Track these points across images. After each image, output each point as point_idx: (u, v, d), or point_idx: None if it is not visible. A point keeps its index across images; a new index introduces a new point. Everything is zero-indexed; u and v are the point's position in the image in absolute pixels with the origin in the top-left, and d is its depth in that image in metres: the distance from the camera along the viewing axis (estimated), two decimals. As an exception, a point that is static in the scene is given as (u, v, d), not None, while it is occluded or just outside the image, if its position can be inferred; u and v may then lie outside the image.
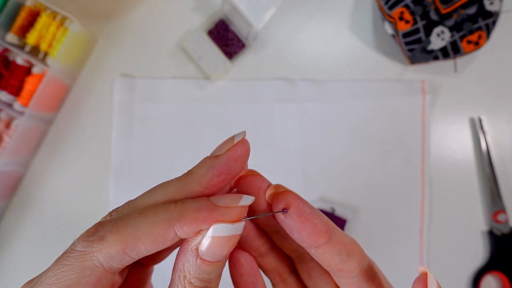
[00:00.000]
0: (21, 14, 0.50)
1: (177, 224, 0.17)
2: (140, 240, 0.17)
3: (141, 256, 0.18)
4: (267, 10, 0.50)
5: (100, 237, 0.17)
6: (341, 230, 0.20)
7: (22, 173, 0.55)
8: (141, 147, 0.55)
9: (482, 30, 0.51)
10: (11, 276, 0.55)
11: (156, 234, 0.17)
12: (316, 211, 0.20)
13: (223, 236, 0.18)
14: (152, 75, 0.56)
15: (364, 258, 0.20)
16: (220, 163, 0.19)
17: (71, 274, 0.17)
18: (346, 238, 0.20)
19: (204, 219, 0.17)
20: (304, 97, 0.56)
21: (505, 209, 0.54)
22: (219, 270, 0.19)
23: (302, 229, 0.19)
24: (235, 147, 0.19)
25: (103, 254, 0.17)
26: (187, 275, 0.18)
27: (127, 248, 0.17)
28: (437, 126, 0.56)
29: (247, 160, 0.20)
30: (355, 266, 0.20)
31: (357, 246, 0.20)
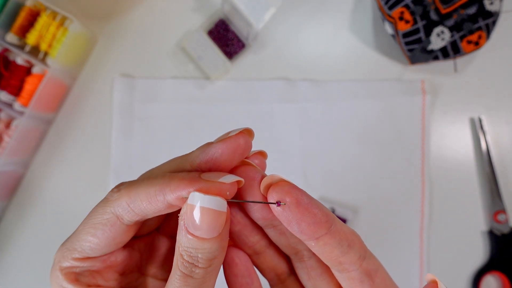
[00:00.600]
0: (21, 14, 0.50)
1: (165, 188, 0.19)
2: (139, 197, 0.19)
3: (141, 213, 0.20)
4: (267, 10, 0.50)
5: (117, 190, 0.20)
6: (340, 220, 0.20)
7: (22, 173, 0.55)
8: (141, 147, 0.55)
9: (482, 30, 0.51)
10: (11, 276, 0.55)
11: (150, 194, 0.19)
12: (314, 201, 0.19)
13: (202, 207, 0.18)
14: (152, 75, 0.56)
15: (364, 249, 0.20)
16: (208, 152, 0.20)
17: (98, 214, 0.20)
18: (346, 228, 0.20)
19: (184, 186, 0.19)
20: (304, 97, 0.56)
21: (505, 209, 0.54)
22: (206, 251, 0.19)
23: (302, 220, 0.19)
24: (218, 143, 0.20)
25: (115, 204, 0.20)
26: (179, 245, 0.19)
27: (131, 202, 0.20)
28: (437, 126, 0.56)
29: (236, 155, 0.20)
30: (357, 257, 0.19)
31: (357, 236, 0.20)
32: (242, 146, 0.20)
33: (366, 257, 0.20)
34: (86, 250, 0.21)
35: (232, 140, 0.20)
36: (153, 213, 0.20)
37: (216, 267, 0.20)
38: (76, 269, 0.21)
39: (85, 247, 0.20)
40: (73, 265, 0.21)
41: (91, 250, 0.21)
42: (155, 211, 0.20)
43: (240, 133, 0.20)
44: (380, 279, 0.20)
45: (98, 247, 0.21)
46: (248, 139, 0.21)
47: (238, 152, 0.20)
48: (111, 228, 0.20)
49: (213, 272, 0.20)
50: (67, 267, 0.21)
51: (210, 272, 0.19)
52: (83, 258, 0.21)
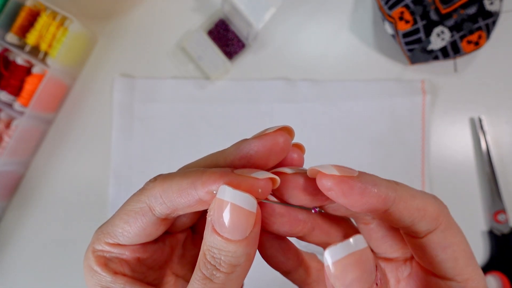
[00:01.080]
0: (21, 14, 0.50)
1: (197, 181, 0.18)
2: (171, 189, 0.19)
3: (172, 206, 0.19)
4: (267, 10, 0.50)
5: (153, 181, 0.20)
6: (408, 188, 0.18)
7: (22, 173, 0.55)
8: (141, 147, 0.55)
9: (482, 30, 0.51)
10: (11, 275, 0.55)
11: (182, 186, 0.19)
12: (368, 181, 0.17)
13: (231, 203, 0.17)
14: (152, 75, 0.56)
15: (438, 221, 0.18)
16: (242, 148, 0.19)
17: (133, 202, 0.20)
18: (413, 199, 0.18)
19: (214, 179, 0.18)
20: (304, 97, 0.56)
21: (505, 209, 0.54)
22: (230, 254, 0.18)
23: (360, 205, 0.17)
24: (253, 140, 0.19)
25: (149, 193, 0.20)
26: (204, 243, 0.18)
27: (163, 193, 0.19)
28: (437, 126, 0.56)
29: (273, 154, 0.19)
30: (423, 230, 0.18)
31: (431, 205, 0.18)
32: (280, 145, 0.19)
33: (436, 230, 0.18)
34: (118, 236, 0.21)
35: (269, 137, 0.19)
36: (184, 208, 0.19)
37: (239, 276, 0.18)
38: (107, 254, 0.21)
39: (117, 233, 0.20)
40: (104, 249, 0.21)
41: (122, 236, 0.21)
42: (186, 205, 0.19)
43: (278, 130, 0.19)
44: (449, 255, 0.18)
45: (129, 235, 0.20)
46: (288, 138, 0.19)
47: (275, 151, 0.19)
48: (142, 218, 0.20)
49: (235, 281, 0.18)
50: (99, 250, 0.21)
51: (232, 280, 0.18)
52: (114, 244, 0.21)
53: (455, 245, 0.18)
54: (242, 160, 0.19)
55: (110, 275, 0.20)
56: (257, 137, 0.19)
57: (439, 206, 0.18)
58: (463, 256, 0.18)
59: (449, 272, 0.19)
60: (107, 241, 0.21)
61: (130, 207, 0.20)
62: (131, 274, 0.22)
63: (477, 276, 0.19)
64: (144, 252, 0.22)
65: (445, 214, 0.19)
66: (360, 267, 0.16)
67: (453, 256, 0.18)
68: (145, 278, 0.23)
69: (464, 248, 0.19)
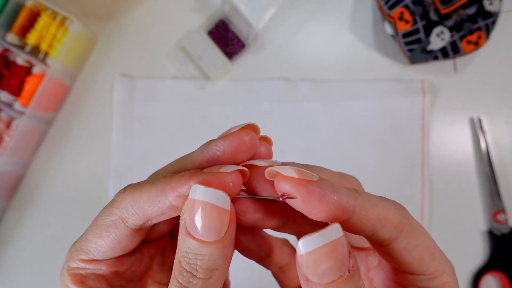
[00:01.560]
0: (21, 15, 0.50)
1: (166, 187, 0.18)
2: (141, 198, 0.19)
3: (144, 216, 0.19)
4: (267, 10, 0.50)
5: (123, 191, 0.20)
6: (369, 196, 0.18)
7: (23, 173, 0.55)
8: (141, 147, 0.55)
9: (482, 30, 0.51)
10: (11, 275, 0.55)
11: (152, 194, 0.18)
12: (327, 187, 0.17)
13: (203, 201, 0.17)
14: (152, 75, 0.56)
15: (399, 229, 0.18)
16: (209, 150, 0.19)
17: (104, 216, 0.20)
18: (374, 208, 0.17)
19: (184, 181, 0.18)
20: (304, 97, 0.56)
21: (504, 209, 0.54)
22: (206, 257, 0.17)
23: (318, 212, 0.17)
24: (219, 140, 0.19)
25: (120, 205, 0.19)
26: (178, 250, 0.18)
27: (134, 203, 0.19)
28: (437, 126, 0.56)
29: (240, 153, 0.19)
30: (386, 238, 0.18)
31: (391, 213, 0.18)
32: (246, 144, 0.18)
33: (399, 237, 0.18)
34: (92, 251, 0.20)
35: (234, 137, 0.18)
36: (157, 216, 0.19)
37: (217, 281, 0.18)
38: (82, 271, 0.21)
39: (91, 249, 0.20)
40: (79, 266, 0.20)
41: (96, 252, 0.20)
42: (158, 213, 0.19)
43: (242, 129, 0.19)
44: (415, 257, 0.18)
45: (103, 250, 0.20)
46: (253, 136, 0.19)
47: (242, 150, 0.18)
48: (115, 231, 0.19)
49: (213, 286, 0.18)
50: (74, 268, 0.20)
51: (210, 286, 0.17)
52: (89, 260, 0.20)
53: (419, 246, 0.18)
54: (210, 162, 0.19)
55: None
56: (223, 137, 0.19)
57: (400, 212, 0.18)
58: (428, 254, 0.19)
59: (416, 270, 0.19)
60: (81, 257, 0.20)
61: (102, 221, 0.20)
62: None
63: (442, 266, 0.19)
64: (121, 265, 0.22)
65: (406, 218, 0.18)
66: (334, 256, 0.16)
67: (418, 257, 0.18)
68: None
69: (428, 245, 0.19)
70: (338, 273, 0.16)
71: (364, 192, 0.18)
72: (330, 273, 0.16)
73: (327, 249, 0.16)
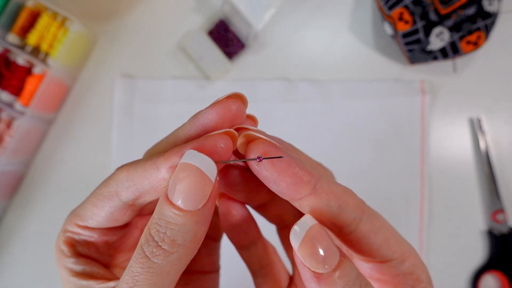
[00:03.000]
0: (22, 15, 0.50)
1: (159, 159, 0.18)
2: (136, 172, 0.19)
3: (137, 190, 0.19)
4: (267, 10, 0.50)
5: (121, 167, 0.20)
6: (331, 179, 0.19)
7: (23, 172, 0.55)
8: (141, 147, 0.55)
9: (481, 30, 0.51)
10: (12, 275, 0.55)
11: (145, 167, 0.19)
12: (295, 158, 0.18)
13: (189, 163, 0.17)
14: (152, 75, 0.56)
15: (362, 210, 0.18)
16: (199, 119, 0.19)
17: (103, 186, 0.20)
18: (336, 187, 0.18)
19: (176, 151, 0.18)
20: (304, 97, 0.56)
21: (504, 209, 0.54)
22: (177, 227, 0.17)
23: (280, 180, 0.17)
24: (207, 109, 0.19)
25: (116, 177, 0.20)
26: (151, 218, 0.17)
27: (128, 176, 0.19)
28: (436, 126, 0.57)
29: (227, 121, 0.19)
30: (351, 220, 0.18)
31: (351, 196, 0.18)
32: (233, 111, 0.19)
33: (363, 219, 0.18)
34: (87, 218, 0.21)
35: (221, 104, 0.19)
36: (149, 190, 0.19)
37: (179, 260, 0.17)
38: (76, 236, 0.22)
39: (87, 216, 0.21)
40: (74, 230, 0.21)
41: (91, 219, 0.21)
42: (150, 187, 0.19)
43: (229, 97, 0.19)
44: (381, 239, 0.19)
45: (97, 218, 0.21)
46: (240, 104, 0.19)
47: (229, 118, 0.19)
48: (109, 202, 0.20)
49: (174, 264, 0.17)
50: (69, 231, 0.22)
51: (170, 262, 0.17)
52: (83, 226, 0.21)
53: (382, 228, 0.19)
54: (199, 130, 0.19)
55: (73, 257, 0.21)
56: (210, 106, 0.19)
57: (358, 197, 0.19)
58: (392, 236, 0.19)
59: (387, 254, 0.19)
60: (77, 223, 0.21)
61: (100, 191, 0.20)
62: (97, 256, 0.22)
63: (408, 248, 0.20)
64: (113, 236, 0.22)
65: (364, 202, 0.19)
66: (324, 242, 0.16)
67: (384, 238, 0.19)
68: (112, 259, 0.23)
69: (390, 229, 0.19)
70: (336, 258, 0.16)
71: (326, 177, 0.19)
72: (330, 258, 0.16)
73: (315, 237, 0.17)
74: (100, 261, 0.22)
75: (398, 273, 0.19)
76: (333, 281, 0.16)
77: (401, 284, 0.19)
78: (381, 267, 0.20)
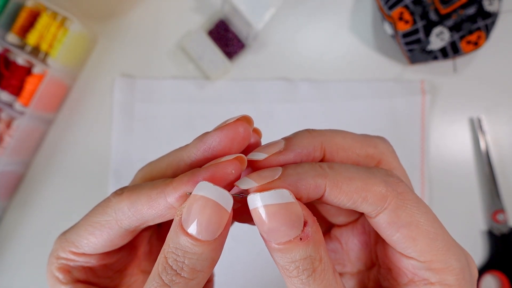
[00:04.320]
0: (21, 15, 0.50)
1: (166, 188, 0.18)
2: (140, 201, 0.18)
3: (141, 219, 0.19)
4: (267, 10, 0.50)
5: (120, 193, 0.19)
6: (346, 169, 0.18)
7: (23, 173, 0.55)
8: (141, 147, 0.55)
9: (481, 30, 0.51)
10: (11, 275, 0.55)
11: (151, 196, 0.18)
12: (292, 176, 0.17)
13: (204, 196, 0.17)
14: (152, 75, 0.56)
15: (384, 202, 0.17)
16: (205, 141, 0.19)
17: (98, 214, 0.20)
18: (351, 186, 0.17)
19: (186, 181, 0.18)
20: (304, 97, 0.56)
21: (504, 209, 0.54)
22: (195, 257, 0.17)
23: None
24: (215, 131, 0.19)
25: (115, 207, 0.19)
26: (166, 246, 0.17)
27: (131, 206, 0.19)
28: (436, 126, 0.57)
29: (235, 144, 0.19)
30: (368, 211, 0.18)
31: (371, 190, 0.17)
32: (241, 134, 0.19)
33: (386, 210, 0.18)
34: (83, 246, 0.20)
35: (230, 127, 0.19)
36: (154, 218, 0.19)
37: (198, 285, 0.17)
38: (71, 263, 0.21)
39: (83, 244, 0.20)
40: (69, 257, 0.21)
41: (87, 247, 0.20)
42: (157, 215, 0.19)
43: (237, 120, 0.19)
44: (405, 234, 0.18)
45: (94, 246, 0.20)
46: (247, 127, 0.19)
47: (237, 141, 0.19)
48: (108, 231, 0.20)
49: (193, 273, 0.17)
50: (63, 258, 0.21)
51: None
52: (79, 253, 0.21)
53: (412, 225, 0.17)
54: (206, 152, 0.19)
55: (70, 284, 0.21)
56: (218, 128, 0.19)
57: (388, 186, 0.17)
58: (423, 236, 0.18)
59: (408, 251, 0.18)
60: (71, 250, 0.21)
61: (96, 219, 0.20)
62: (96, 281, 0.22)
63: (445, 257, 0.18)
64: (110, 259, 0.22)
65: (397, 192, 0.18)
66: (278, 218, 0.16)
67: (409, 237, 0.18)
68: (111, 281, 0.23)
69: (427, 229, 0.18)
70: (286, 236, 0.16)
71: (341, 166, 0.18)
72: (278, 234, 0.16)
73: (272, 210, 0.16)
74: (100, 285, 0.22)
75: (419, 274, 0.18)
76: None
77: (412, 284, 0.19)
78: (402, 259, 0.19)
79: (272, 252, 0.17)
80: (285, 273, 0.17)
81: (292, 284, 0.17)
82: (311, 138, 0.19)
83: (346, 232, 0.23)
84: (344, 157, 0.19)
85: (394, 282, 0.20)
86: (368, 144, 0.21)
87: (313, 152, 0.19)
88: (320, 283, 0.16)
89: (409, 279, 0.19)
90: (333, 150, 0.19)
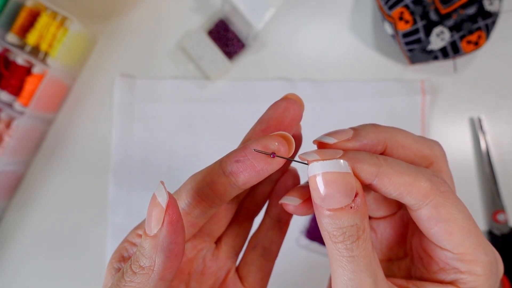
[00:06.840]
0: (21, 14, 0.50)
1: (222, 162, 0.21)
2: (204, 179, 0.21)
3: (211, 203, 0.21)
4: (267, 10, 0.50)
5: (189, 182, 0.21)
6: (397, 164, 0.19)
7: (23, 173, 0.55)
8: (141, 147, 0.55)
9: (482, 30, 0.51)
10: (11, 275, 0.55)
11: (214, 171, 0.21)
12: (351, 159, 0.19)
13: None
14: (152, 75, 0.56)
15: (426, 198, 0.19)
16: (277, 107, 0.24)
17: None
18: (399, 178, 0.19)
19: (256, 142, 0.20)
20: (304, 97, 0.55)
21: (504, 209, 0.54)
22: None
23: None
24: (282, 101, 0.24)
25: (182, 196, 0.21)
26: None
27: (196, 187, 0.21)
28: (436, 126, 0.56)
29: (288, 120, 0.23)
30: (411, 204, 0.19)
31: (417, 186, 0.19)
32: (297, 107, 0.24)
33: (427, 205, 0.19)
34: None
35: (292, 98, 0.24)
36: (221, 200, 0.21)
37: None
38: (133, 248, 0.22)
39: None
40: (134, 241, 0.22)
41: None
42: (228, 195, 0.20)
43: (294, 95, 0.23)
44: (443, 229, 0.19)
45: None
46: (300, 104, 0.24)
47: (294, 113, 0.24)
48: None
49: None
50: (129, 241, 0.22)
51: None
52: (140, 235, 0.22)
53: (450, 221, 0.19)
54: (272, 120, 0.23)
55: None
56: (283, 98, 0.24)
57: (432, 184, 0.19)
58: (459, 232, 0.19)
59: (444, 244, 0.20)
60: (138, 232, 0.22)
61: None
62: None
63: (478, 253, 0.19)
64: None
65: (439, 191, 0.19)
66: (336, 186, 0.18)
67: (446, 231, 0.19)
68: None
69: (463, 225, 0.19)
70: (339, 203, 0.18)
71: (395, 160, 0.19)
72: (331, 200, 0.18)
73: (330, 177, 0.18)
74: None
75: (450, 264, 0.20)
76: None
77: (443, 271, 0.20)
78: (437, 250, 0.20)
79: (322, 218, 0.18)
80: (331, 238, 0.18)
81: (336, 249, 0.18)
82: (377, 133, 0.21)
83: (384, 224, 0.25)
84: (402, 154, 0.21)
85: (424, 270, 0.21)
86: (425, 146, 0.22)
87: (376, 145, 0.21)
88: (362, 251, 0.18)
89: (440, 268, 0.20)
90: (394, 146, 0.21)
